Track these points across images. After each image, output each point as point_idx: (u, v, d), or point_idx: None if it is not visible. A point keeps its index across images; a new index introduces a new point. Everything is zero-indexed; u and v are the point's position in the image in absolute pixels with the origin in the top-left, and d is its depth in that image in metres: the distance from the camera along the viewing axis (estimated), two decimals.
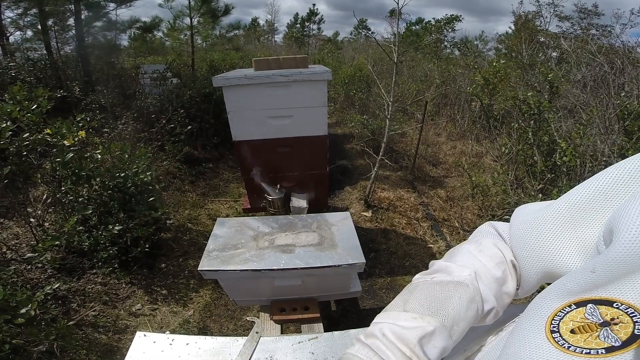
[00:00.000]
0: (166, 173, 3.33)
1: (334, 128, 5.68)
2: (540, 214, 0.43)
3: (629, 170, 0.35)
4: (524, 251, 0.45)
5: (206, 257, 1.27)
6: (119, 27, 5.90)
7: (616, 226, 0.31)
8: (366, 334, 0.44)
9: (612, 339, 0.31)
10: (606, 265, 0.31)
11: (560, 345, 0.33)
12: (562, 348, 0.33)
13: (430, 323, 0.42)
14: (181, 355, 0.85)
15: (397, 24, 2.63)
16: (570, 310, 0.34)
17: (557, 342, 0.33)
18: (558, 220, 0.40)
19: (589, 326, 0.32)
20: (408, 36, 11.32)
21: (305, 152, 2.14)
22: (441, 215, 2.97)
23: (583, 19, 8.41)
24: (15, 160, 1.86)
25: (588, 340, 0.32)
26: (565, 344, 0.33)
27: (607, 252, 0.31)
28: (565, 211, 0.40)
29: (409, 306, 0.44)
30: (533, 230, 0.44)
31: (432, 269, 0.51)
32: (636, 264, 0.29)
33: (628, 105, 2.28)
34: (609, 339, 0.31)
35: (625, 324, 0.30)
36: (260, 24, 25.72)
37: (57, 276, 1.98)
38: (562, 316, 0.34)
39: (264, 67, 2.06)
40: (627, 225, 0.29)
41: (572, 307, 0.33)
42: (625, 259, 0.29)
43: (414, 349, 0.40)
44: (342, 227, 1.45)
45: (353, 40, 19.09)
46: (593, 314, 0.32)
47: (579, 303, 0.33)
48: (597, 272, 0.32)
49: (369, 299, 2.07)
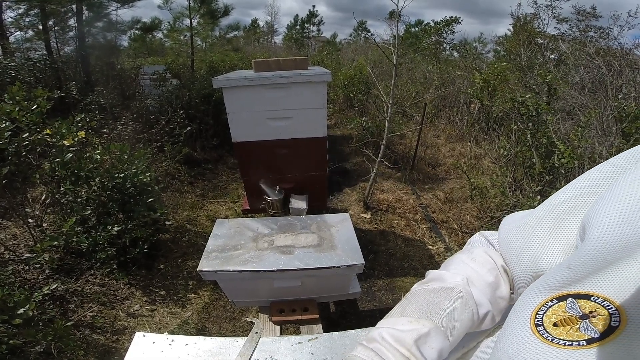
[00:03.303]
0: (165, 174, 3.33)
1: (333, 129, 5.69)
2: (524, 220, 0.46)
3: (604, 172, 0.37)
4: (513, 256, 0.48)
5: (205, 258, 1.27)
6: (119, 28, 5.91)
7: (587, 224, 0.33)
8: (367, 339, 0.47)
9: (591, 330, 0.32)
10: (580, 261, 0.33)
11: (544, 338, 0.35)
12: (546, 340, 0.35)
13: (424, 325, 0.45)
14: (180, 355, 0.85)
15: (396, 25, 2.65)
16: (552, 304, 0.35)
17: (541, 335, 0.35)
18: (540, 224, 0.42)
19: (570, 319, 0.34)
20: (407, 38, 11.34)
21: (305, 154, 2.14)
22: (440, 217, 2.97)
23: (581, 21, 8.47)
24: (14, 161, 1.86)
25: (570, 332, 0.34)
26: (549, 337, 0.35)
27: (580, 248, 0.33)
28: (547, 215, 0.42)
29: (407, 312, 0.48)
30: (518, 235, 0.46)
31: (427, 278, 0.54)
32: (606, 259, 0.31)
33: (625, 107, 2.29)
34: (589, 330, 0.32)
35: (602, 316, 0.32)
36: (259, 25, 25.76)
37: (55, 277, 1.97)
38: (545, 310, 0.36)
39: (264, 68, 2.06)
40: (596, 223, 0.31)
41: (554, 302, 0.35)
42: (597, 255, 0.31)
43: (410, 349, 0.43)
44: (342, 229, 1.46)
45: (352, 42, 19.15)
46: (573, 307, 0.34)
47: (560, 297, 0.35)
48: (572, 268, 0.34)
49: (368, 300, 2.07)
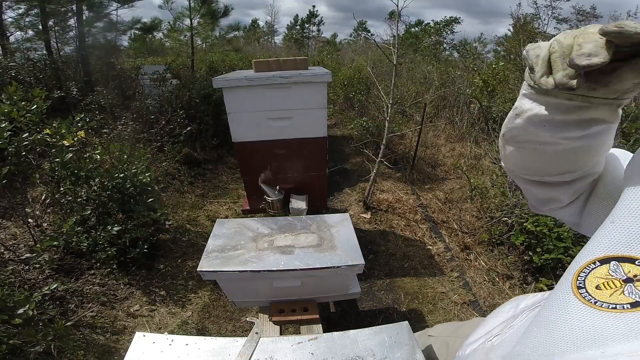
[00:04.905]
0: (165, 174, 3.33)
1: (333, 129, 5.69)
2: None
3: None
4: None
5: (205, 258, 1.27)
6: (119, 28, 5.90)
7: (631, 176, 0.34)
8: None
9: (636, 294, 0.31)
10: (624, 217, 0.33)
11: (587, 301, 0.34)
12: (589, 303, 0.33)
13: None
14: (180, 355, 0.85)
15: (396, 25, 2.65)
16: (594, 267, 0.35)
17: (583, 297, 0.34)
18: None
19: (613, 282, 0.33)
20: (407, 38, 11.35)
21: (305, 154, 2.15)
22: (440, 217, 2.97)
23: (581, 21, 8.47)
24: (14, 161, 1.86)
25: (613, 295, 0.32)
26: (592, 299, 0.33)
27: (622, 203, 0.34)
28: None
29: None
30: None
31: None
32: None
33: (625, 107, 2.29)
34: (634, 294, 0.31)
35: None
36: (259, 25, 25.76)
37: (55, 277, 1.97)
38: (588, 273, 0.35)
39: (264, 68, 2.06)
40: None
41: (597, 264, 0.34)
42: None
43: None
44: (342, 229, 1.46)
45: (352, 42, 19.14)
46: (616, 270, 0.33)
47: (603, 260, 0.34)
48: (615, 222, 0.34)
49: (368, 301, 2.07)
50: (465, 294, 2.10)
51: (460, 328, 0.83)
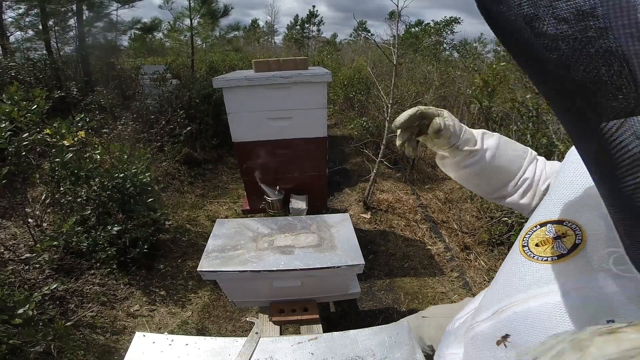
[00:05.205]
0: (165, 174, 3.33)
1: (333, 129, 5.69)
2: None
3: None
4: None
5: (205, 258, 1.27)
6: (120, 28, 5.90)
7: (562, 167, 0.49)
8: None
9: (562, 248, 0.41)
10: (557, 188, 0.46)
11: (528, 256, 0.45)
12: (528, 257, 0.45)
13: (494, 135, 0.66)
14: (180, 355, 0.85)
15: (396, 25, 2.65)
16: (535, 230, 0.46)
17: (526, 253, 0.45)
18: None
19: (547, 240, 0.43)
20: (407, 38, 11.34)
21: (305, 154, 2.14)
22: (440, 217, 2.97)
23: None
24: (14, 161, 1.86)
25: (546, 250, 0.43)
26: (531, 254, 0.44)
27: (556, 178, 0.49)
28: None
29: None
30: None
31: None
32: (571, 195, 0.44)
33: None
34: (560, 248, 0.41)
35: (570, 236, 0.41)
36: (259, 25, 25.78)
37: (55, 277, 1.97)
38: (531, 234, 0.46)
39: (264, 68, 2.06)
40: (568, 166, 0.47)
41: (537, 227, 0.46)
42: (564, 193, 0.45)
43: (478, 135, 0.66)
44: (342, 229, 1.46)
45: (352, 42, 19.14)
46: (550, 230, 0.44)
47: (542, 224, 0.45)
48: (550, 194, 0.47)
49: (368, 301, 2.07)
50: (465, 294, 2.10)
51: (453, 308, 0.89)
